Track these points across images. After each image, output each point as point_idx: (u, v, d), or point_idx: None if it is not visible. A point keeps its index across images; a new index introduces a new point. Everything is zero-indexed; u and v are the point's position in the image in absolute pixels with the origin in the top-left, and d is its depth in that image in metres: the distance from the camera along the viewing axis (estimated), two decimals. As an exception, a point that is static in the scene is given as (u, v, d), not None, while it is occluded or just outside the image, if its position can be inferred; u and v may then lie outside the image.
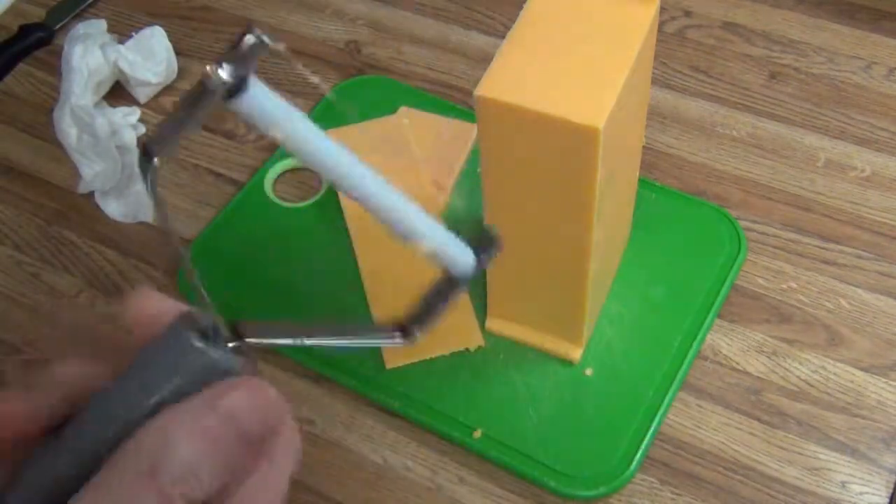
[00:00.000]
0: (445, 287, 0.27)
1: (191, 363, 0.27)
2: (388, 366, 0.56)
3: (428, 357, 0.57)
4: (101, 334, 0.30)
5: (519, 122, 0.43)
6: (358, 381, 0.56)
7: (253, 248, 0.64)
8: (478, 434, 0.54)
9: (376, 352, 0.57)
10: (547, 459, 0.52)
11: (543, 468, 0.52)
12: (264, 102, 0.24)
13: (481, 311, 0.58)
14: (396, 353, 0.56)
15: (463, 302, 0.58)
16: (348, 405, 0.56)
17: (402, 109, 0.69)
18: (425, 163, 0.64)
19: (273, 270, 0.62)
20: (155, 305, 0.28)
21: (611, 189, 0.47)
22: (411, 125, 0.67)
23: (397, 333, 0.27)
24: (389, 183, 0.27)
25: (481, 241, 0.28)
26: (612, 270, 0.59)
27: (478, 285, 0.58)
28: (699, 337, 0.56)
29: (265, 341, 0.27)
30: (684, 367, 0.55)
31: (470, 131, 0.67)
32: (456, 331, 0.57)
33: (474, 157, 0.66)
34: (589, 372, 0.56)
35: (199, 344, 0.27)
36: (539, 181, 0.46)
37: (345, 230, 0.63)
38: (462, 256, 0.27)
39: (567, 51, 0.44)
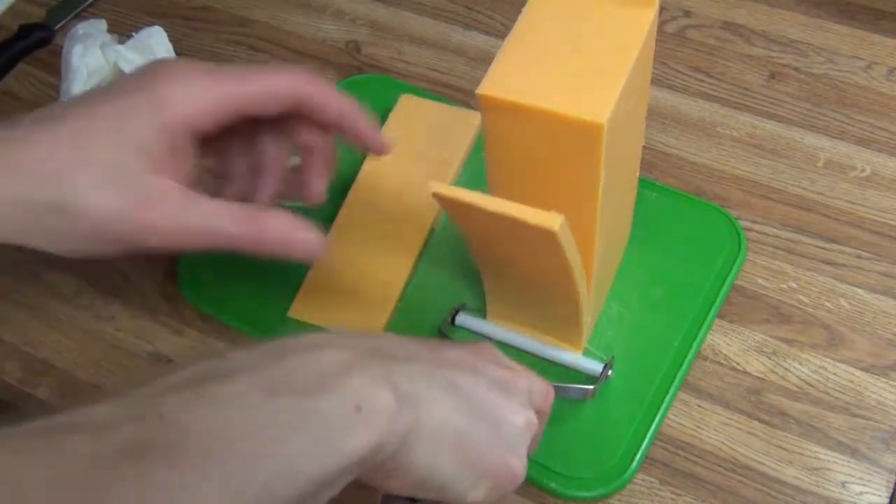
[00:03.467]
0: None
1: None
2: (289, 314, 0.60)
3: (328, 323, 0.59)
4: None
5: (522, 121, 0.43)
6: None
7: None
8: (478, 434, 0.54)
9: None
10: (546, 460, 0.52)
11: (542, 469, 0.52)
12: (468, 321, 0.58)
13: (480, 311, 0.58)
14: (301, 310, 0.60)
15: (388, 295, 0.60)
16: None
17: (404, 97, 0.68)
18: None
19: (273, 269, 0.62)
20: None
21: (612, 188, 0.47)
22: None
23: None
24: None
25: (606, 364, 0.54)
26: (612, 271, 0.59)
27: (477, 285, 0.58)
28: (699, 337, 0.56)
29: None
30: (684, 367, 0.55)
31: (473, 119, 0.66)
32: (366, 312, 0.59)
33: (478, 147, 0.65)
34: (589, 372, 0.56)
35: None
36: (543, 179, 0.46)
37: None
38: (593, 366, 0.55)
39: (568, 50, 0.44)
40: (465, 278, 0.59)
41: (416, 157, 0.64)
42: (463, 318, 0.58)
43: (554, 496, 0.52)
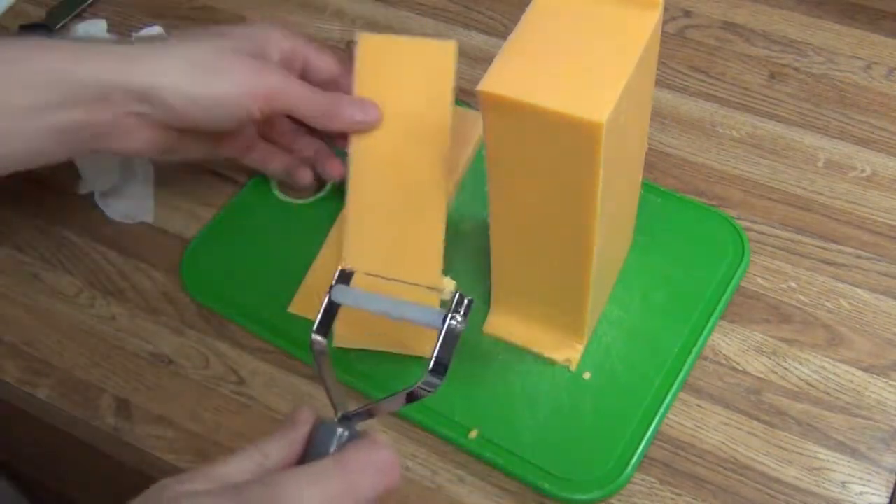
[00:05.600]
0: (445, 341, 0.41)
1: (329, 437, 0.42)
2: (290, 310, 0.60)
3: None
4: None
5: (522, 118, 0.43)
6: (355, 378, 0.56)
7: (257, 244, 0.64)
8: (473, 434, 0.54)
9: (371, 354, 0.57)
10: (542, 462, 0.52)
11: (538, 471, 0.52)
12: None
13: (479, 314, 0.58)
14: (301, 306, 0.60)
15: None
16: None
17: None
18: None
19: (276, 266, 0.62)
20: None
21: (613, 189, 0.47)
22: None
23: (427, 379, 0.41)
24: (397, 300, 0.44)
25: (454, 306, 0.41)
26: (613, 274, 0.59)
27: (481, 278, 0.58)
28: (699, 343, 0.56)
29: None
30: (683, 372, 0.55)
31: (479, 119, 0.66)
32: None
33: (482, 148, 0.65)
34: (587, 375, 0.56)
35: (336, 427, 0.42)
36: (543, 177, 0.46)
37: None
38: (436, 320, 0.41)
39: (570, 50, 0.44)
40: (469, 275, 0.59)
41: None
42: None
43: (549, 498, 0.52)
